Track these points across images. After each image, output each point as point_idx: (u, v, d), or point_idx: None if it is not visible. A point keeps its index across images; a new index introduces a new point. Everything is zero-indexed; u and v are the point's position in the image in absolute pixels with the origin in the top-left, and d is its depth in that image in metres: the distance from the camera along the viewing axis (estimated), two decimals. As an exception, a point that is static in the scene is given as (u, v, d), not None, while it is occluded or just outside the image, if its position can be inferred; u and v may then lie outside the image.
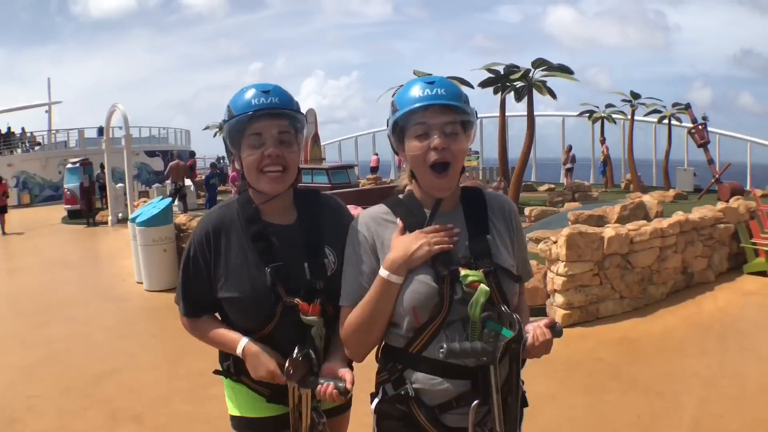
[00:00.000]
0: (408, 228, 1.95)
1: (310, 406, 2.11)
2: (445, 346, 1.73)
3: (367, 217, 2.06)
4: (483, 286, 1.81)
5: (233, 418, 2.38)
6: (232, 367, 2.32)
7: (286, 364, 2.05)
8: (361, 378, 2.22)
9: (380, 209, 2.07)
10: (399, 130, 1.95)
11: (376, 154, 33.08)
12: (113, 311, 9.04)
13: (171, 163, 20.27)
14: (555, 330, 1.88)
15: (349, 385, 2.02)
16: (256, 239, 2.18)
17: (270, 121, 2.11)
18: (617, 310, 7.60)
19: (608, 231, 7.69)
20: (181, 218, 10.88)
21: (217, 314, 2.35)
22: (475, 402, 1.84)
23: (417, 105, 1.87)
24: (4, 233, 18.84)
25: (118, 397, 5.62)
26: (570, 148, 26.18)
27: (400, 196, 2.09)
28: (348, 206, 2.52)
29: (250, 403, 2.32)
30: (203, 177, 21.93)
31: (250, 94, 2.15)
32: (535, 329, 1.85)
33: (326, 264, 2.20)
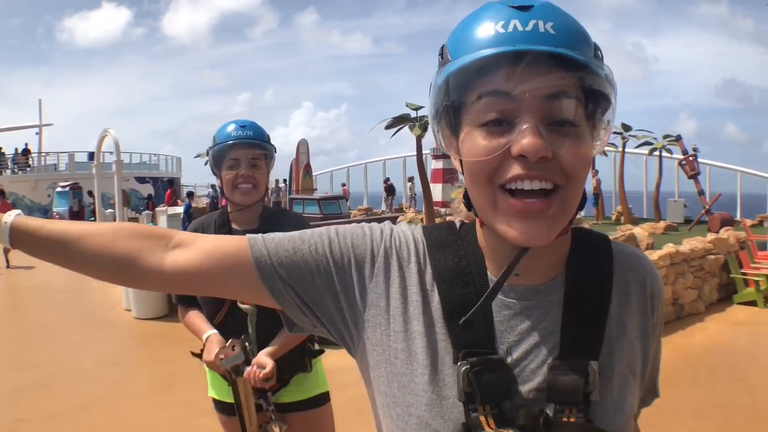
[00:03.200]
0: (447, 304, 0.99)
1: (249, 393, 2.48)
2: None
3: (406, 231, 1.08)
4: None
5: (212, 399, 2.81)
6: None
7: (219, 351, 2.43)
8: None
9: (417, 233, 1.09)
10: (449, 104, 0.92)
11: (344, 185, 32.97)
12: (101, 338, 8.94)
13: None
14: None
15: (267, 372, 2.39)
16: None
17: (245, 149, 2.64)
18: (608, 340, 7.53)
19: (599, 262, 7.70)
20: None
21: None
22: None
23: None
24: (8, 266, 16.05)
25: (105, 425, 5.55)
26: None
27: (456, 222, 1.12)
28: None
29: (220, 387, 2.71)
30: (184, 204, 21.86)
31: (230, 127, 2.68)
32: None
33: None
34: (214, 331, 2.58)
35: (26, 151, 36.83)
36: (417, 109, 19.49)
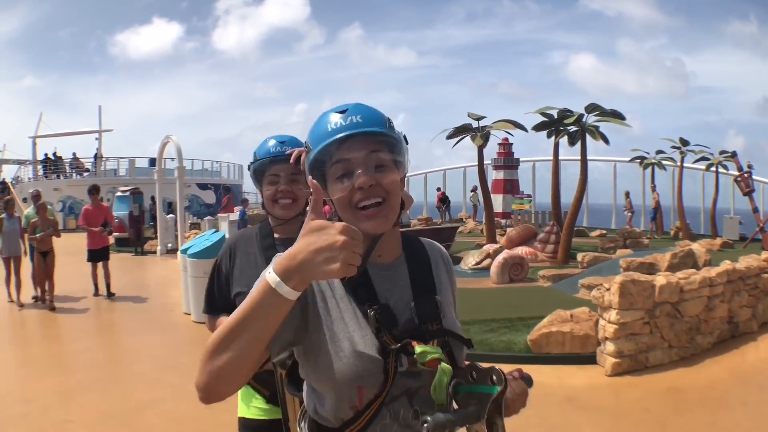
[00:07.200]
0: (348, 284, 1.62)
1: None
2: (429, 419, 1.38)
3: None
4: (444, 366, 1.49)
5: (240, 419, 2.78)
6: None
7: None
8: None
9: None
10: (318, 172, 1.56)
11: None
12: (159, 341, 8.96)
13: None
14: (526, 380, 1.67)
15: None
16: (267, 249, 2.69)
17: (284, 165, 2.65)
18: (665, 359, 7.48)
19: (660, 279, 7.61)
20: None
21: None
22: None
23: (332, 139, 1.50)
24: (109, 295, 12.65)
25: (159, 428, 5.58)
26: (628, 194, 26.31)
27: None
28: None
29: (254, 405, 2.73)
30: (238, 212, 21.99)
31: (271, 143, 2.74)
32: (509, 382, 1.56)
33: None
34: None
35: (96, 156, 37.94)
36: (479, 119, 19.21)
